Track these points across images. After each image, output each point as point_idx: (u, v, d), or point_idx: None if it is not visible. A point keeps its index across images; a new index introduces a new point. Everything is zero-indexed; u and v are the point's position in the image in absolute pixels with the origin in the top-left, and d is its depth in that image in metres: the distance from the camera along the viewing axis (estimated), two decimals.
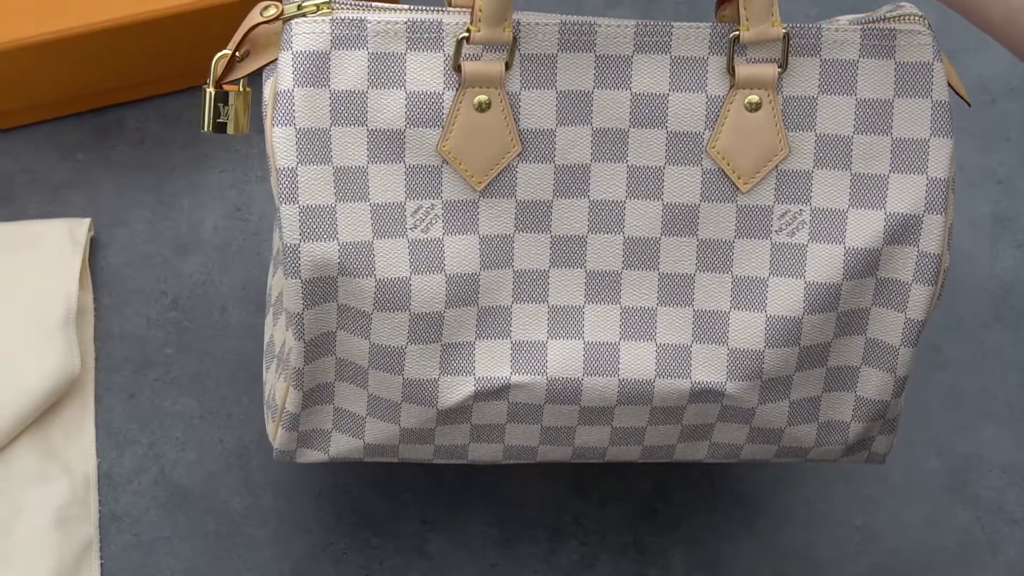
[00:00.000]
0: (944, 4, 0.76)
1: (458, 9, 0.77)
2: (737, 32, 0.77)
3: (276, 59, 0.78)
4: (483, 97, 0.77)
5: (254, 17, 0.78)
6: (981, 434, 0.98)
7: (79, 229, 0.99)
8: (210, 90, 0.80)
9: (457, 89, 0.77)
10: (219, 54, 0.79)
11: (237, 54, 0.79)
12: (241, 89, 0.80)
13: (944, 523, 0.96)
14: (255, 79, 1.06)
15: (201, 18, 1.00)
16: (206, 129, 0.80)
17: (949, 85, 0.80)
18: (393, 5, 0.78)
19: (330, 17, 0.77)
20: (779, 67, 0.78)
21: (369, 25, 0.77)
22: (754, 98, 0.78)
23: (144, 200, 1.02)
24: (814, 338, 0.80)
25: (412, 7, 0.77)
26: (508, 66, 0.77)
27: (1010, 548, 0.95)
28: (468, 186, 0.78)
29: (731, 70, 0.78)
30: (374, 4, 0.78)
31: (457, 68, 0.77)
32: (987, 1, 0.73)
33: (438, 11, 0.77)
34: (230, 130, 0.80)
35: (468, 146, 0.77)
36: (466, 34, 0.76)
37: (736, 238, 0.79)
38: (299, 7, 0.77)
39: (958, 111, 1.07)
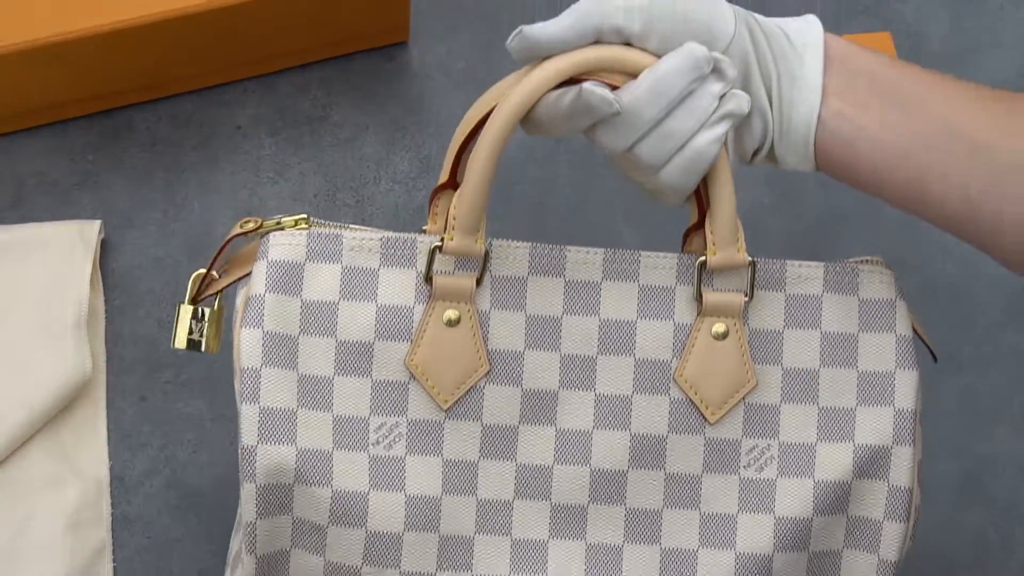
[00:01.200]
0: (892, 205, 0.76)
1: (432, 235, 0.78)
2: (704, 258, 0.78)
3: (250, 272, 0.79)
4: (453, 313, 0.77)
5: (234, 229, 0.79)
6: (995, 435, 0.98)
7: (90, 231, 0.98)
8: (185, 306, 0.81)
9: (427, 303, 0.77)
10: (195, 272, 0.80)
11: (214, 272, 0.80)
12: (215, 307, 0.81)
13: (958, 524, 0.96)
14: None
15: (210, 19, 1.00)
16: (178, 347, 0.81)
17: (916, 333, 0.81)
18: (369, 228, 0.79)
19: (307, 231, 0.78)
20: (745, 296, 0.78)
21: (345, 240, 0.78)
22: (721, 327, 0.78)
23: (155, 202, 1.02)
24: None
25: (388, 230, 0.78)
26: (479, 283, 0.77)
27: None
28: (434, 405, 0.78)
29: (699, 296, 0.78)
30: (351, 225, 0.79)
31: (428, 279, 0.77)
32: (941, 195, 0.74)
33: (413, 233, 0.78)
34: (203, 348, 0.81)
35: (436, 361, 0.77)
36: (439, 243, 0.77)
37: (704, 472, 0.79)
38: (278, 222, 0.78)
39: None
